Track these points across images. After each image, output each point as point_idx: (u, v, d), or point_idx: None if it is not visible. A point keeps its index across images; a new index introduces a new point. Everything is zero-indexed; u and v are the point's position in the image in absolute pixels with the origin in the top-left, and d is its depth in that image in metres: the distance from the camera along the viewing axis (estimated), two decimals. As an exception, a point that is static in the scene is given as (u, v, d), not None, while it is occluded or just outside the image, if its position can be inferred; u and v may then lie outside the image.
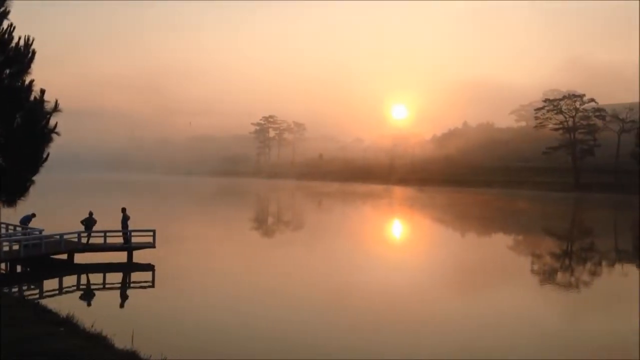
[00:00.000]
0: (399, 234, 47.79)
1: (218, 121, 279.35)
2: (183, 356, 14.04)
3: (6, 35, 12.94)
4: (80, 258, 26.40)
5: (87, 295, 21.92)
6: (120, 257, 27.02)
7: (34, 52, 13.34)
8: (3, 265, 25.17)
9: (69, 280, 23.59)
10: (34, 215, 28.73)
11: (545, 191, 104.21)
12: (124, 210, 28.57)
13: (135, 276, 25.56)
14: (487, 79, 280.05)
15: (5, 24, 13.00)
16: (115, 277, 25.41)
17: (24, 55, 13.18)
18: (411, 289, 23.54)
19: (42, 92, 13.26)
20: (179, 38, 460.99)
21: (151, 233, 27.69)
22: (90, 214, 28.62)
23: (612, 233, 50.90)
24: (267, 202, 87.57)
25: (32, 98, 13.18)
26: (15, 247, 24.89)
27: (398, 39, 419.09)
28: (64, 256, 26.25)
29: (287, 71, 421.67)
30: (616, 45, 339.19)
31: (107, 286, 23.67)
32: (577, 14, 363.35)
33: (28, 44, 13.23)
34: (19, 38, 13.12)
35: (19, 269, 25.42)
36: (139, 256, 27.20)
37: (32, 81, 13.25)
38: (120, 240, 27.90)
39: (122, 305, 20.36)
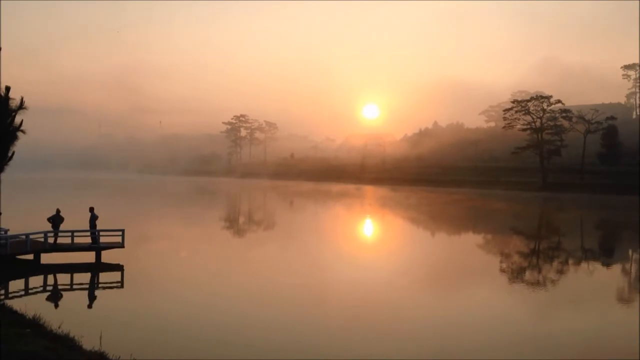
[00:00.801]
0: (370, 234, 48.04)
1: (189, 120, 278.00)
2: (152, 357, 13.92)
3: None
4: (47, 258, 25.95)
5: (54, 296, 21.56)
6: (89, 257, 26.64)
7: (-2, 50, 13.11)
8: (-34, 266, 24.60)
9: (36, 281, 23.18)
10: (-1, 214, 28.13)
11: (514, 191, 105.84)
12: (92, 209, 28.17)
13: (104, 276, 25.22)
14: (459, 80, 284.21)
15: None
16: (83, 278, 25.04)
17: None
18: (382, 289, 23.71)
19: (7, 89, 13.03)
20: (150, 35, 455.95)
21: (120, 233, 27.36)
22: (58, 211, 28.11)
23: (578, 232, 51.98)
24: (239, 202, 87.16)
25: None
26: (-21, 247, 24.36)
27: (372, 39, 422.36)
28: (30, 256, 25.77)
29: (259, 70, 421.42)
30: (588, 47, 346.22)
31: (74, 287, 23.30)
32: (551, 16, 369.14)
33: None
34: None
35: (-17, 269, 24.85)
36: (108, 256, 26.85)
37: (-5, 79, 13.02)
38: (89, 240, 27.48)
39: (90, 306, 20.09)
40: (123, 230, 27.35)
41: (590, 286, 26.37)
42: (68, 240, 27.12)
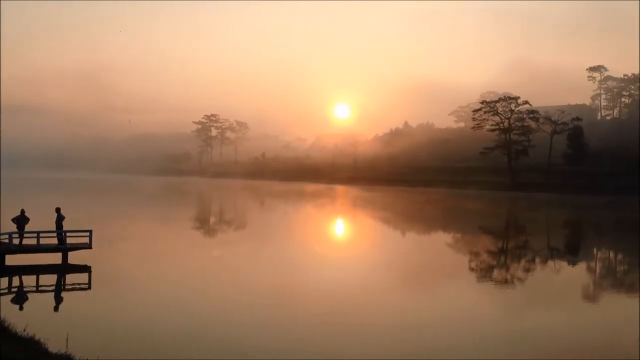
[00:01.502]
0: (341, 234, 48.21)
1: (159, 119, 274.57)
2: (119, 359, 13.78)
3: None
4: (12, 260, 25.36)
5: (19, 298, 21.10)
6: (55, 258, 26.14)
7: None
8: None
9: (0, 283, 22.67)
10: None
11: (483, 190, 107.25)
12: (58, 210, 27.65)
13: (71, 278, 24.78)
14: (430, 80, 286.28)
15: None
16: (50, 279, 24.56)
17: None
18: (353, 288, 23.83)
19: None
20: (119, 33, 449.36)
21: (87, 233, 26.92)
22: (22, 212, 27.50)
23: (545, 231, 52.96)
24: (210, 202, 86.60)
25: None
26: (-59, 249, 23.71)
27: (345, 39, 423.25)
28: (-5, 258, 25.18)
29: (230, 70, 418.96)
30: (560, 47, 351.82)
31: (40, 289, 22.83)
32: (525, 16, 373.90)
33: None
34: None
35: (-56, 272, 24.22)
36: (75, 257, 26.38)
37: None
38: (55, 241, 26.96)
39: (56, 308, 19.73)
40: (91, 231, 26.91)
41: (556, 284, 26.89)
42: (34, 241, 26.55)
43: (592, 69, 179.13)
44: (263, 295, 21.66)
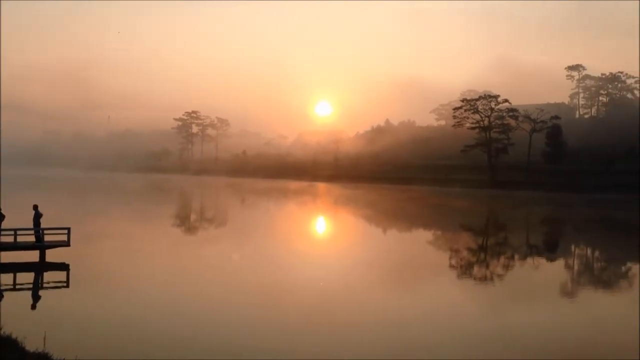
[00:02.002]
0: (323, 232, 48.25)
1: (138, 116, 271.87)
2: (97, 358, 13.63)
3: None
4: (-13, 258, 24.97)
5: (-4, 296, 20.77)
6: (32, 256, 25.77)
7: None
8: None
9: (-24, 282, 22.29)
10: None
11: (464, 188, 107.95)
12: (35, 207, 27.24)
13: (49, 276, 24.43)
14: (412, 78, 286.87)
15: None
16: (27, 278, 24.20)
17: None
18: (333, 286, 23.86)
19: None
20: (99, 30, 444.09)
21: (66, 231, 26.57)
22: (-2, 209, 27.09)
23: (524, 229, 53.49)
24: (191, 200, 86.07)
25: None
26: None
27: (327, 37, 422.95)
28: (-30, 256, 24.76)
29: (210, 67, 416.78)
30: (544, 47, 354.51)
31: (17, 287, 22.48)
32: (509, 15, 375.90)
33: None
34: None
35: None
36: (53, 255, 26.04)
37: None
38: (32, 239, 26.56)
39: (33, 307, 19.44)
40: (69, 229, 26.57)
41: (535, 281, 27.16)
42: (11, 239, 26.12)
43: (571, 67, 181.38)
44: (245, 293, 21.58)
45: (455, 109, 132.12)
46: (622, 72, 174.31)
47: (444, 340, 16.22)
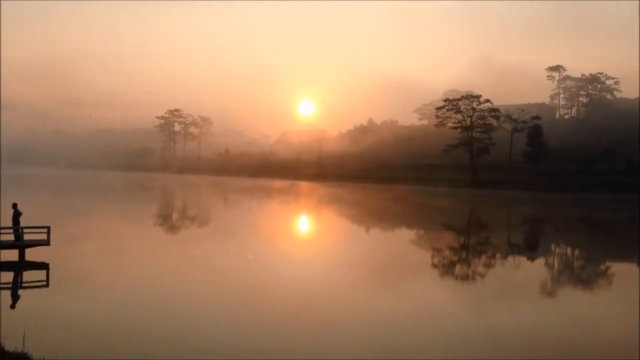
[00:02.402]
0: (306, 231, 48.26)
1: (120, 114, 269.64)
2: (77, 357, 13.50)
3: None
4: (-35, 257, 24.60)
5: (-26, 296, 20.47)
6: (12, 255, 25.41)
7: None
8: None
9: (-47, 281, 21.95)
10: None
11: (446, 187, 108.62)
12: (14, 205, 26.88)
13: (28, 275, 24.11)
14: (395, 77, 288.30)
15: None
16: (6, 277, 23.84)
17: None
18: (316, 286, 23.87)
19: None
20: (80, 27, 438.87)
21: (45, 230, 26.25)
22: (-23, 209, 26.69)
23: (505, 228, 53.98)
24: (174, 199, 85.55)
25: None
26: None
27: (312, 36, 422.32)
28: (-53, 255, 24.36)
29: (194, 65, 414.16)
30: (528, 47, 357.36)
31: (-4, 286, 22.20)
32: (494, 16, 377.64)
33: None
34: None
35: None
36: (33, 254, 25.70)
37: None
38: (12, 237, 26.20)
39: (13, 306, 19.16)
40: (49, 228, 26.25)
41: (516, 280, 27.41)
42: (-11, 238, 25.77)
43: (552, 68, 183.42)
44: (226, 292, 21.52)
45: (438, 108, 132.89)
46: (601, 73, 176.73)
47: (426, 340, 16.31)
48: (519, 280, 27.20)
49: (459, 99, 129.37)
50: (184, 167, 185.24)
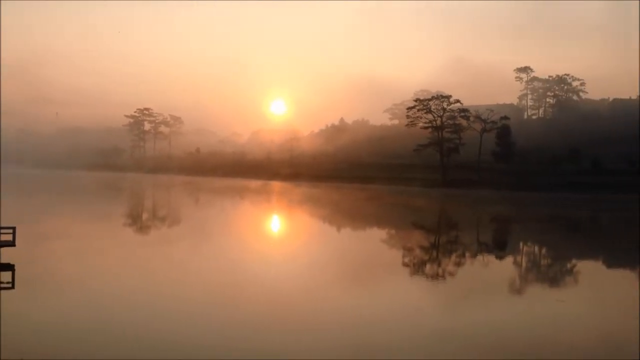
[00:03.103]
0: (278, 231, 48.17)
1: (88, 112, 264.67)
2: (44, 358, 13.26)
3: None
4: None
5: None
6: (-25, 257, 24.77)
7: None
8: None
9: None
10: None
11: (416, 187, 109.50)
12: (-21, 206, 26.24)
13: (-7, 277, 23.55)
14: (367, 77, 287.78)
15: None
16: (-31, 279, 23.26)
17: None
18: (288, 286, 23.84)
19: None
20: (47, 23, 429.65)
21: (11, 230, 25.63)
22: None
23: (474, 227, 54.66)
24: (142, 198, 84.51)
25: None
26: None
27: (284, 35, 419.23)
28: None
29: (163, 63, 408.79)
30: (501, 48, 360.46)
31: (-41, 289, 21.60)
32: (469, 16, 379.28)
33: None
34: None
35: None
36: (-3, 256, 25.10)
37: None
38: (-25, 238, 25.52)
39: (-23, 309, 18.71)
40: (14, 228, 25.64)
41: (486, 278, 27.77)
42: (-49, 239, 25.06)
43: (519, 70, 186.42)
44: (196, 292, 21.32)
45: (409, 108, 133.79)
46: (568, 75, 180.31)
47: (396, 339, 16.40)
48: (489, 278, 27.54)
49: (429, 99, 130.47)
50: (155, 166, 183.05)
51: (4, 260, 24.64)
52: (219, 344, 15.20)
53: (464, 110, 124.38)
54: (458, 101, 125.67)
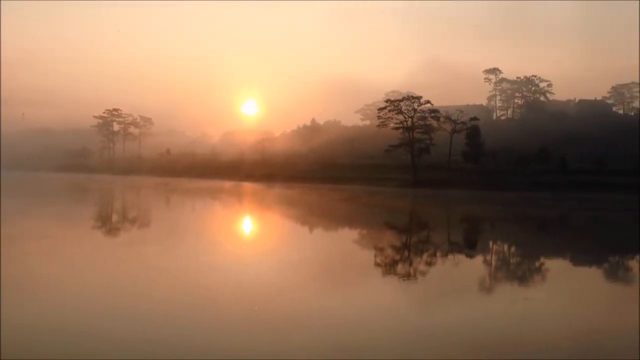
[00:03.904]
0: (252, 232, 48.07)
1: (56, 113, 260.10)
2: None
3: None
4: None
5: None
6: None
7: None
8: None
9: None
10: None
11: (388, 187, 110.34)
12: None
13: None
14: (338, 77, 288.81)
15: None
16: None
17: None
18: (261, 287, 23.88)
19: None
20: (14, 19, 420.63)
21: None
22: None
23: (445, 226, 55.36)
24: (112, 200, 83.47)
25: None
26: None
27: (256, 36, 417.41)
28: None
29: (132, 63, 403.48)
30: (466, 48, 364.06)
31: None
32: (445, 17, 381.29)
33: None
34: None
35: None
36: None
37: None
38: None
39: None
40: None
41: (458, 277, 28.19)
42: None
43: (488, 71, 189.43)
44: (169, 293, 21.22)
45: (380, 109, 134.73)
46: (535, 76, 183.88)
47: (368, 338, 16.58)
48: (462, 277, 27.97)
49: (400, 100, 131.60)
50: (125, 168, 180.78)
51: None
52: (195, 345, 15.18)
53: (434, 111, 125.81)
54: (428, 102, 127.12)
